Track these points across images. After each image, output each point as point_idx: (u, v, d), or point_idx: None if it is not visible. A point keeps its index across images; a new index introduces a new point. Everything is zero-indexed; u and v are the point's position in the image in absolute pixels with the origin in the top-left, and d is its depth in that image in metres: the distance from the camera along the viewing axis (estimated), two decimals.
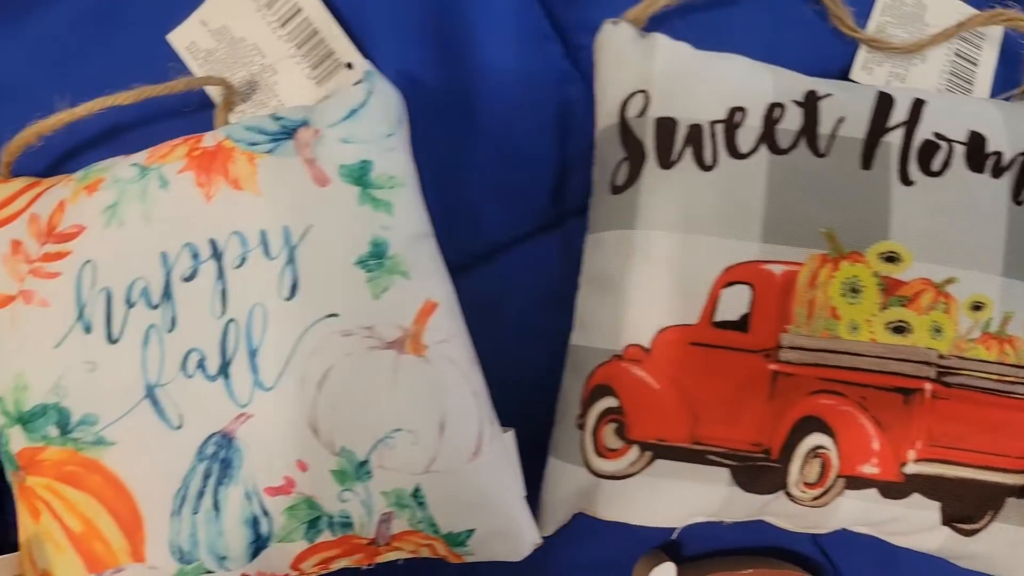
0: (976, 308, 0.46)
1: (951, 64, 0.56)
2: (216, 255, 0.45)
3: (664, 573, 0.51)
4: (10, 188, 0.49)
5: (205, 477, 0.44)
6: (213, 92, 0.56)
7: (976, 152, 0.47)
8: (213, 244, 0.45)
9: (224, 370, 0.44)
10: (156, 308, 0.45)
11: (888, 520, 0.47)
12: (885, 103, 0.47)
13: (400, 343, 0.45)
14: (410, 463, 0.44)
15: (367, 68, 0.50)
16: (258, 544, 0.45)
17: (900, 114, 0.47)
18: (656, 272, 0.45)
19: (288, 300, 0.44)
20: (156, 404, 0.44)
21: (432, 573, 0.53)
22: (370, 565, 0.49)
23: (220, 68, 0.56)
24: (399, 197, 0.47)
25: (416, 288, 0.46)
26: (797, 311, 0.45)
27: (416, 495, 0.45)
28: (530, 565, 0.50)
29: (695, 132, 0.46)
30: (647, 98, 0.47)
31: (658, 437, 0.45)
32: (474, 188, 0.55)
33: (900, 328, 0.46)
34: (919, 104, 0.47)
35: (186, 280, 0.45)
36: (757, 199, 0.45)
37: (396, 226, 0.46)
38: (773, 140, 0.46)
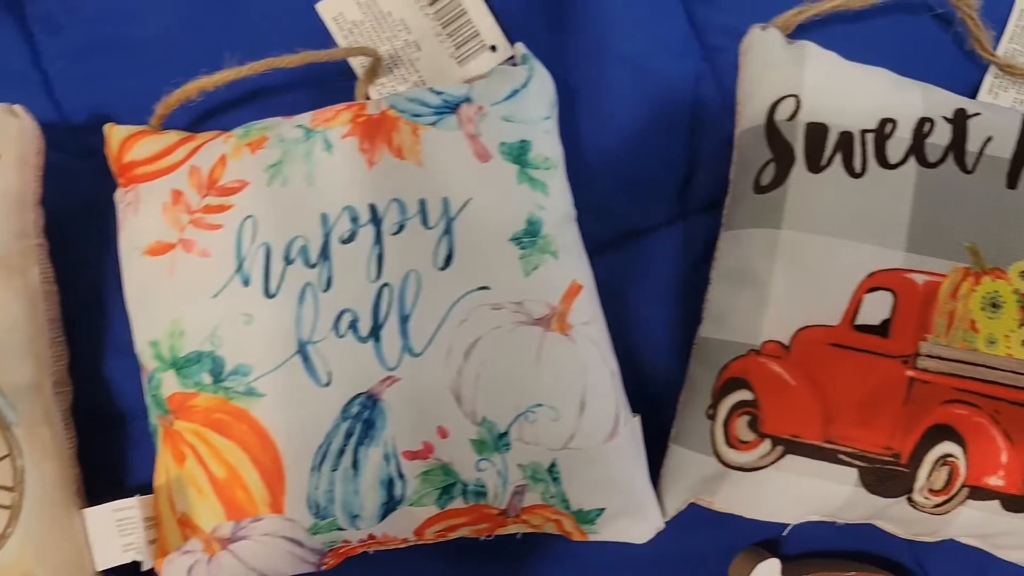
0: None
1: None
2: (375, 220, 0.46)
3: (769, 569, 0.52)
4: (166, 140, 0.50)
5: (347, 436, 0.46)
6: (355, 64, 0.57)
7: None
8: (373, 209, 0.46)
9: (375, 333, 0.45)
10: (313, 267, 0.46)
11: (1003, 533, 0.48)
12: None
13: (547, 321, 0.46)
14: (549, 438, 0.46)
15: (524, 52, 0.51)
16: (389, 506, 0.46)
17: None
18: (800, 272, 0.46)
19: (442, 270, 0.46)
20: (307, 360, 0.45)
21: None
22: (489, 536, 0.50)
23: (364, 40, 0.57)
24: (553, 179, 0.48)
25: (564, 269, 0.47)
26: (937, 321, 0.46)
27: (552, 470, 0.46)
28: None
29: (846, 139, 0.47)
30: (798, 103, 0.48)
31: (791, 433, 0.46)
32: (604, 177, 0.56)
33: None
34: None
35: (344, 242, 0.46)
36: (903, 209, 0.46)
37: (550, 206, 0.47)
38: (922, 153, 0.47)
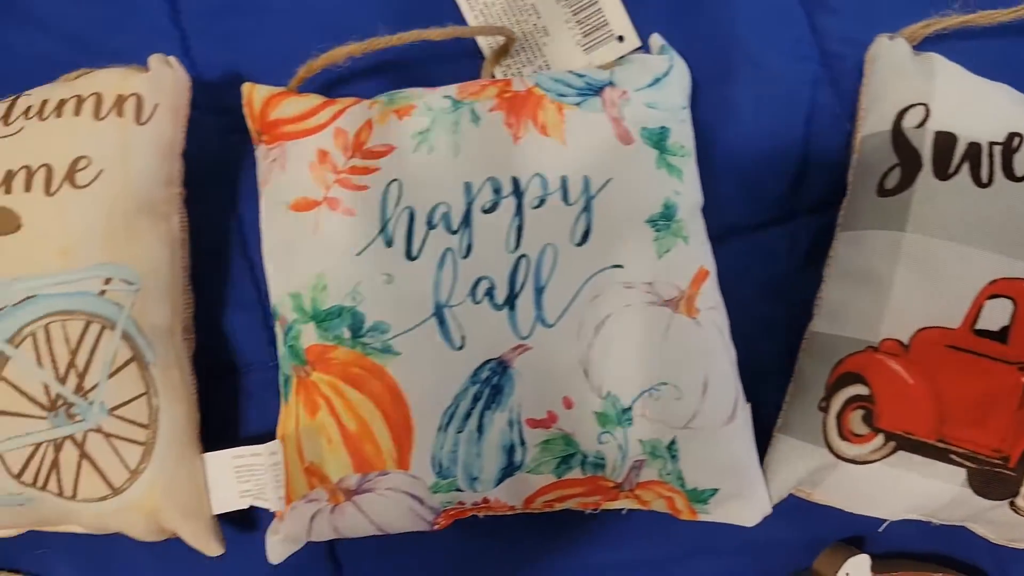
0: None
1: None
2: (517, 193, 0.47)
3: (859, 564, 0.53)
4: (309, 101, 0.51)
5: (475, 399, 0.47)
6: (483, 44, 0.58)
7: None
8: (515, 182, 0.47)
9: (510, 301, 0.47)
10: (455, 233, 0.47)
11: None
12: None
13: (675, 303, 0.47)
14: (671, 416, 0.47)
15: (662, 43, 0.53)
16: (508, 471, 0.47)
17: None
18: (922, 275, 0.48)
19: (579, 246, 0.47)
20: (442, 323, 0.47)
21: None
22: (595, 510, 0.51)
23: (494, 21, 0.58)
24: (687, 166, 0.49)
25: (693, 254, 0.49)
26: None
27: (671, 448, 0.47)
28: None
29: (974, 150, 0.49)
30: (927, 111, 0.50)
31: (905, 429, 0.47)
32: (718, 172, 0.57)
33: None
34: None
35: (486, 212, 0.47)
36: None
37: (684, 192, 0.49)
38: None
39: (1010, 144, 0.49)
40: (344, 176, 0.48)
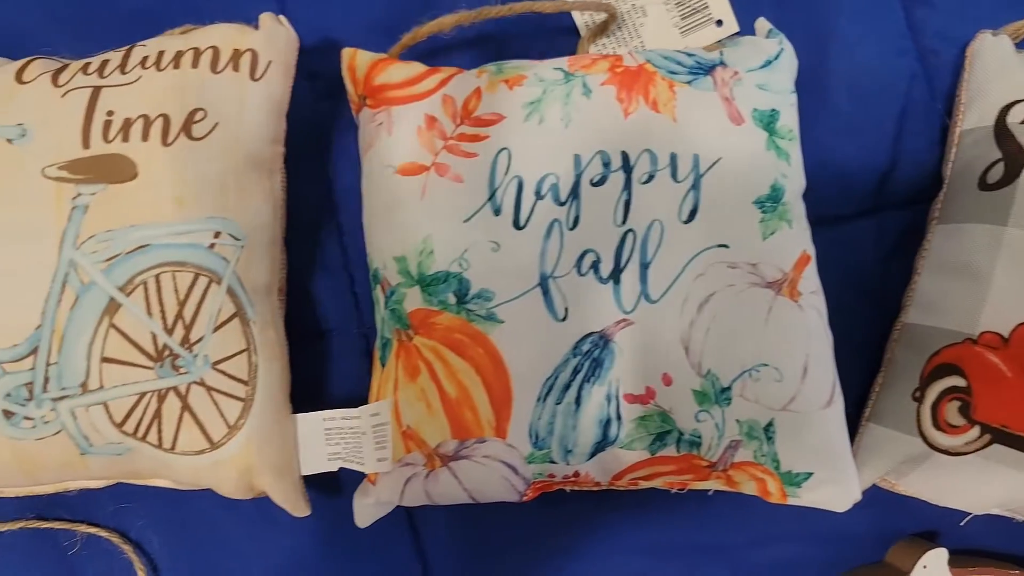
0: None
1: None
2: (626, 167, 0.47)
3: (937, 557, 0.53)
4: (413, 69, 0.51)
5: (574, 372, 0.47)
6: (580, 22, 0.58)
7: None
8: (624, 156, 0.47)
9: (615, 275, 0.47)
10: (563, 205, 0.47)
11: None
12: None
13: (778, 285, 0.47)
14: (771, 398, 0.47)
15: (770, 27, 0.52)
16: (601, 445, 0.47)
17: None
18: None
19: (686, 223, 0.47)
20: (546, 294, 0.47)
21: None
22: (681, 490, 0.51)
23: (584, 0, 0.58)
24: (794, 151, 0.49)
25: (796, 238, 0.48)
26: None
27: (768, 429, 0.47)
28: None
29: None
30: None
31: (1002, 423, 0.47)
32: (809, 162, 0.57)
33: None
34: None
35: (594, 185, 0.47)
36: None
37: (791, 176, 0.49)
38: None
39: None
40: (453, 142, 0.48)
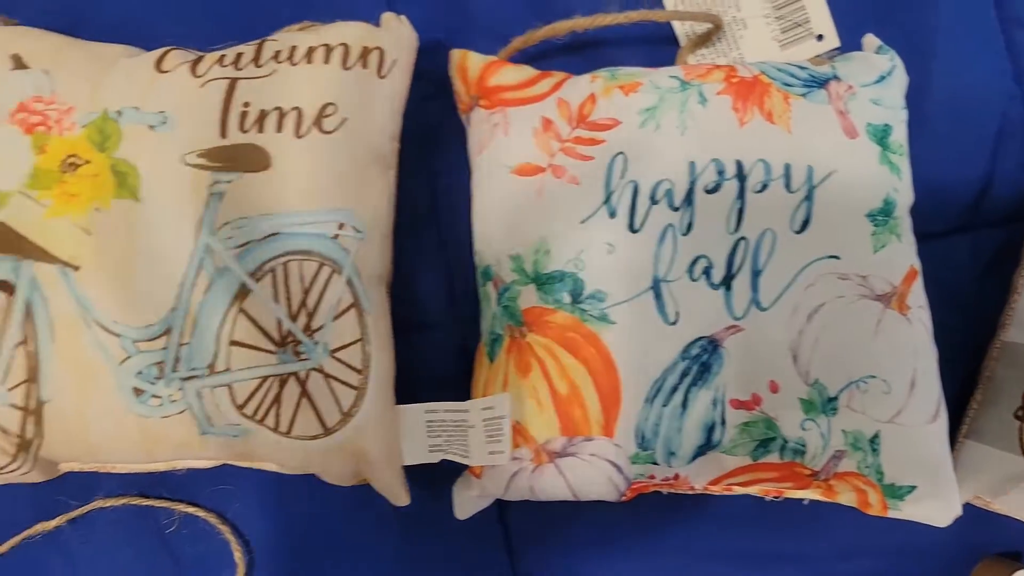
0: None
1: None
2: (740, 176, 0.48)
3: None
4: (525, 72, 0.52)
5: (682, 375, 0.47)
6: (680, 32, 0.59)
7: None
8: (739, 165, 0.48)
9: (727, 282, 0.47)
10: (676, 210, 0.48)
11: None
12: None
13: (887, 298, 0.48)
14: (877, 410, 0.47)
15: (879, 43, 0.53)
16: (704, 449, 0.48)
17: None
18: None
19: (798, 233, 0.47)
20: (658, 297, 0.47)
21: None
22: (777, 498, 0.52)
23: (692, 10, 0.59)
24: (904, 166, 0.50)
25: (905, 252, 0.49)
26: None
27: (873, 441, 0.47)
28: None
29: None
30: None
31: None
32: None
33: None
34: None
35: (708, 192, 0.48)
36: None
37: (902, 191, 0.49)
38: None
39: None
40: (569, 145, 0.49)
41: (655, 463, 0.48)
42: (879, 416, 0.47)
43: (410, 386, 0.58)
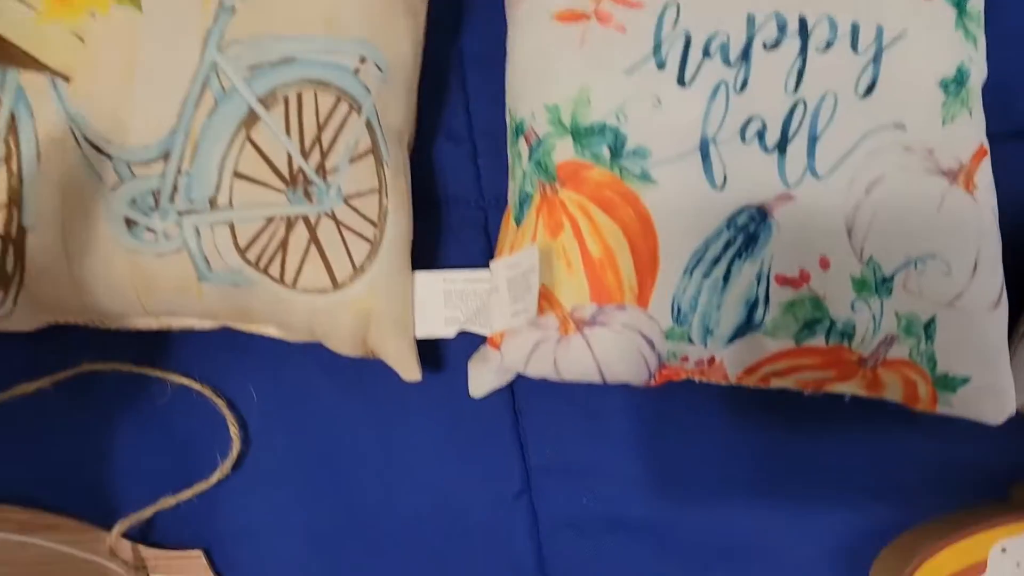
0: None
1: None
2: (803, 33, 0.44)
3: None
4: None
5: (726, 245, 0.44)
6: None
7: None
8: (803, 21, 0.44)
9: (781, 146, 0.43)
10: (731, 66, 0.44)
11: None
12: None
13: (954, 175, 0.44)
14: (936, 292, 0.44)
15: None
16: (744, 329, 0.44)
17: None
18: None
19: (862, 98, 0.44)
20: (706, 158, 0.43)
21: None
22: (815, 391, 0.48)
23: None
24: (980, 36, 0.46)
25: (975, 128, 0.45)
26: None
27: (929, 326, 0.44)
28: None
29: None
30: None
31: None
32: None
33: None
34: None
35: (767, 48, 0.44)
36: None
37: (977, 61, 0.45)
38: None
39: None
40: None
41: (690, 341, 0.44)
42: (938, 299, 0.43)
43: (428, 262, 0.54)
